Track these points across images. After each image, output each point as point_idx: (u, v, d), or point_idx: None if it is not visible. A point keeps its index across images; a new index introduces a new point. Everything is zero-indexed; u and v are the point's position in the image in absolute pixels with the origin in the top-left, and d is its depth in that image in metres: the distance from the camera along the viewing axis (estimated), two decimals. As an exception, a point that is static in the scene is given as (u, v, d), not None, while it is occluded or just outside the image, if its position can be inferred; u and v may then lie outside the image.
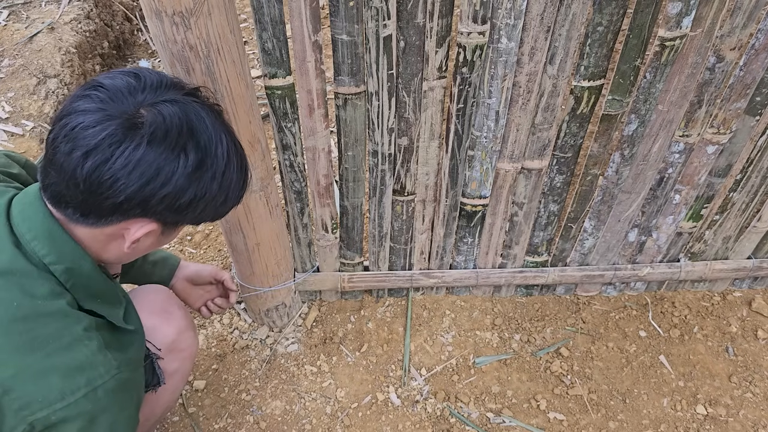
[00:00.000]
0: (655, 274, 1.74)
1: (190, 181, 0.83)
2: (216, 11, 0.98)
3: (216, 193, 0.87)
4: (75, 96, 0.82)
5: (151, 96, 0.82)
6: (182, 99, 0.84)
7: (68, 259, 0.86)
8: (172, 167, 0.81)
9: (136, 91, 0.82)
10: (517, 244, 1.65)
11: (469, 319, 1.76)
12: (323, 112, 1.28)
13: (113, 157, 0.78)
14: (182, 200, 0.84)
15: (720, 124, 1.37)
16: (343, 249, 1.62)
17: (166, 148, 0.80)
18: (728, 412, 1.60)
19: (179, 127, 0.81)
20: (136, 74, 0.84)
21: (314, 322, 1.74)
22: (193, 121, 0.83)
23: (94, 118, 0.79)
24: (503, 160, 1.42)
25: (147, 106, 0.81)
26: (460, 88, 1.26)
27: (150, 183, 0.80)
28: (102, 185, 0.79)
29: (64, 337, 0.83)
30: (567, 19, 1.15)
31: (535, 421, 1.57)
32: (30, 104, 2.00)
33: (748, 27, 1.19)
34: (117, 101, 0.80)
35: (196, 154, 0.83)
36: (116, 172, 0.78)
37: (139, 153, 0.79)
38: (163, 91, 0.84)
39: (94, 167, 0.78)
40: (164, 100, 0.82)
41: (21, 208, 0.86)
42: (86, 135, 0.78)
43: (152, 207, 0.83)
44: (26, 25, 2.27)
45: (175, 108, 0.82)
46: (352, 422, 1.55)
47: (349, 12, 1.11)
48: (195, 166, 0.83)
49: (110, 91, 0.81)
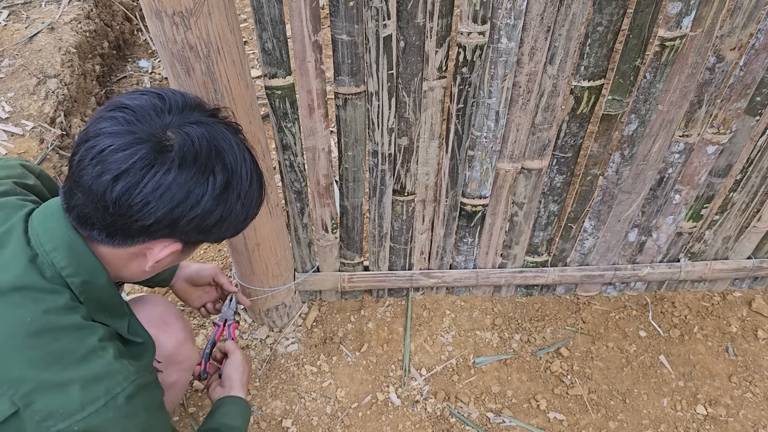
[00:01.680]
0: (655, 274, 1.74)
1: (217, 203, 0.85)
2: (216, 11, 0.98)
3: (239, 212, 0.89)
4: (99, 117, 0.82)
5: (177, 118, 0.83)
6: (207, 120, 0.85)
7: (86, 272, 0.86)
8: (202, 190, 0.83)
9: (162, 113, 0.83)
10: (517, 244, 1.65)
11: (469, 319, 1.76)
12: (323, 112, 1.28)
13: (144, 181, 0.79)
14: (209, 221, 0.86)
15: (720, 124, 1.37)
16: (343, 249, 1.62)
17: (196, 171, 0.81)
18: (728, 412, 1.60)
19: (207, 150, 0.83)
20: (160, 95, 0.85)
21: (314, 322, 1.74)
22: (220, 143, 0.84)
23: (124, 141, 0.79)
24: (503, 160, 1.42)
25: (174, 128, 0.82)
26: (460, 88, 1.26)
27: (180, 206, 0.82)
28: (132, 208, 0.80)
29: (80, 350, 0.83)
30: (567, 19, 1.15)
31: (535, 421, 1.57)
32: (30, 104, 2.00)
33: (748, 27, 1.19)
34: (144, 123, 0.81)
35: (223, 175, 0.84)
36: (147, 195, 0.79)
37: (170, 177, 0.80)
38: (188, 112, 0.85)
39: (124, 190, 0.79)
40: (190, 122, 0.84)
41: (42, 219, 0.86)
42: (116, 158, 0.78)
43: (180, 228, 0.84)
44: (26, 25, 2.27)
45: (202, 130, 0.83)
46: (352, 422, 1.55)
47: (349, 12, 1.11)
48: (222, 187, 0.84)
49: (137, 113, 0.81)
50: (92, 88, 2.34)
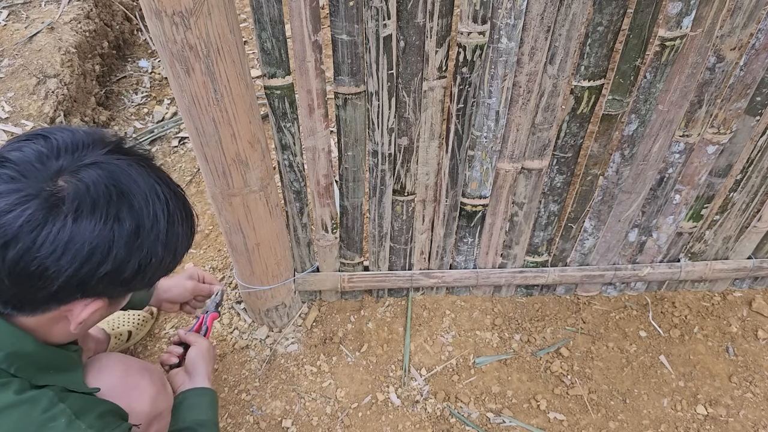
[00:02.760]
0: (655, 274, 1.74)
1: (131, 251, 0.75)
2: (216, 11, 0.98)
3: (163, 254, 0.79)
4: None
5: (68, 161, 0.73)
6: (106, 159, 0.75)
7: (8, 345, 0.77)
8: (107, 241, 0.72)
9: (49, 159, 0.72)
10: (517, 244, 1.65)
11: (469, 319, 1.76)
12: (323, 112, 1.28)
13: (37, 244, 0.69)
14: (126, 273, 0.76)
15: (720, 124, 1.37)
16: (343, 249, 1.62)
17: (96, 222, 0.71)
18: (728, 413, 1.59)
19: (107, 194, 0.73)
20: (45, 137, 0.75)
21: (314, 322, 1.74)
22: (122, 183, 0.74)
23: (8, 201, 0.69)
24: (503, 160, 1.42)
25: (66, 174, 0.72)
26: (460, 88, 1.26)
27: (85, 264, 0.72)
28: (31, 277, 0.70)
29: (27, 427, 0.75)
30: (567, 19, 1.15)
31: (535, 421, 1.56)
32: (30, 104, 2.00)
33: (749, 27, 1.19)
34: (30, 176, 0.71)
35: (131, 219, 0.74)
36: (43, 260, 0.70)
37: (66, 234, 0.70)
38: (80, 152, 0.74)
39: (17, 258, 0.69)
40: (85, 164, 0.73)
41: None
42: (2, 223, 0.68)
43: (93, 287, 0.75)
44: (26, 24, 2.27)
45: (98, 171, 0.73)
46: (352, 422, 1.55)
47: (349, 12, 1.11)
48: (133, 233, 0.74)
49: (19, 165, 0.71)
50: (92, 87, 2.34)
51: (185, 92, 1.07)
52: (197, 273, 1.47)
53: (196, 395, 1.17)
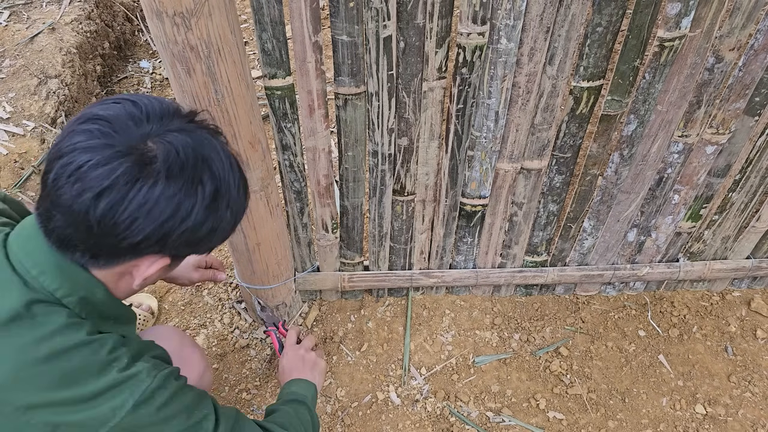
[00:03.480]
0: (654, 274, 1.74)
1: (208, 213, 0.81)
2: (216, 12, 0.98)
3: (229, 220, 0.85)
4: (71, 131, 0.76)
5: (156, 126, 0.78)
6: (189, 127, 0.81)
7: (82, 289, 0.83)
8: (191, 202, 0.78)
9: (140, 122, 0.78)
10: (516, 244, 1.65)
11: (468, 319, 1.77)
12: (323, 113, 1.28)
13: (129, 196, 0.74)
14: (200, 233, 0.82)
15: (719, 125, 1.38)
16: (343, 249, 1.63)
17: (184, 183, 0.77)
18: (727, 412, 1.60)
19: (194, 159, 0.78)
20: (135, 102, 0.80)
21: (314, 322, 1.74)
22: (205, 151, 0.80)
23: (103, 155, 0.74)
24: (503, 161, 1.42)
25: (155, 137, 0.77)
26: (460, 89, 1.26)
27: (169, 220, 0.77)
28: (118, 226, 0.75)
29: (93, 365, 0.81)
30: (566, 19, 1.16)
31: (535, 420, 1.57)
32: (31, 104, 2.01)
33: (747, 27, 1.19)
34: (122, 134, 0.76)
35: (212, 184, 0.80)
36: (134, 212, 0.75)
37: (157, 191, 0.75)
38: (167, 119, 0.80)
39: (108, 208, 0.74)
40: (171, 129, 0.79)
41: (21, 243, 0.82)
42: (97, 174, 0.73)
43: (170, 243, 0.80)
44: (27, 25, 2.27)
45: (186, 138, 0.79)
46: (353, 421, 1.55)
47: (350, 13, 1.12)
48: (212, 197, 0.80)
49: (113, 123, 0.76)
50: (93, 88, 2.35)
51: (186, 93, 1.08)
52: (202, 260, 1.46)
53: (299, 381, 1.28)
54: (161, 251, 0.82)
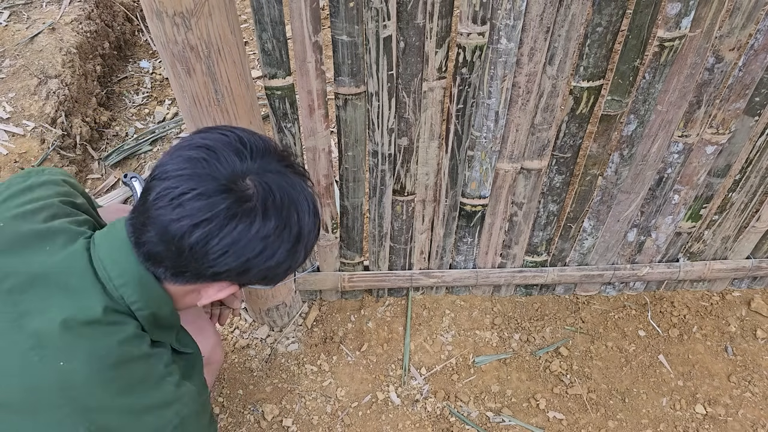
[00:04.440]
0: (654, 274, 1.74)
1: (288, 255, 0.85)
2: (216, 12, 0.98)
3: (301, 260, 0.89)
4: (179, 156, 0.81)
5: (257, 164, 0.82)
6: (284, 170, 0.85)
7: (155, 305, 0.87)
8: (279, 243, 0.83)
9: (244, 157, 0.81)
10: (516, 244, 1.65)
11: (468, 319, 1.77)
12: (323, 113, 1.28)
13: (224, 231, 0.78)
14: (276, 271, 0.86)
15: (719, 125, 1.38)
16: (343, 249, 1.63)
17: (275, 226, 0.81)
18: (727, 412, 1.60)
19: (288, 203, 0.83)
20: (240, 136, 0.84)
21: (314, 322, 1.74)
22: (295, 196, 0.84)
23: (207, 188, 0.78)
24: (503, 161, 1.42)
25: (253, 176, 0.81)
26: (460, 89, 1.26)
27: (254, 259, 0.82)
28: (208, 255, 0.79)
29: (152, 378, 0.85)
30: (566, 19, 1.16)
31: (535, 420, 1.57)
32: (31, 104, 2.01)
33: (747, 27, 1.19)
34: (224, 166, 0.79)
35: (297, 228, 0.84)
36: (226, 246, 0.79)
37: (252, 230, 0.79)
38: (267, 159, 0.84)
39: (203, 237, 0.78)
40: (270, 170, 0.83)
41: (109, 251, 0.84)
42: (198, 206, 0.77)
43: (248, 276, 0.85)
44: (27, 25, 2.27)
45: (281, 181, 0.83)
46: (353, 421, 1.55)
47: (350, 13, 1.12)
48: (295, 240, 0.85)
49: (218, 154, 0.80)
50: (93, 88, 2.35)
51: (186, 93, 1.08)
52: None
53: None
54: (236, 281, 0.87)
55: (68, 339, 0.79)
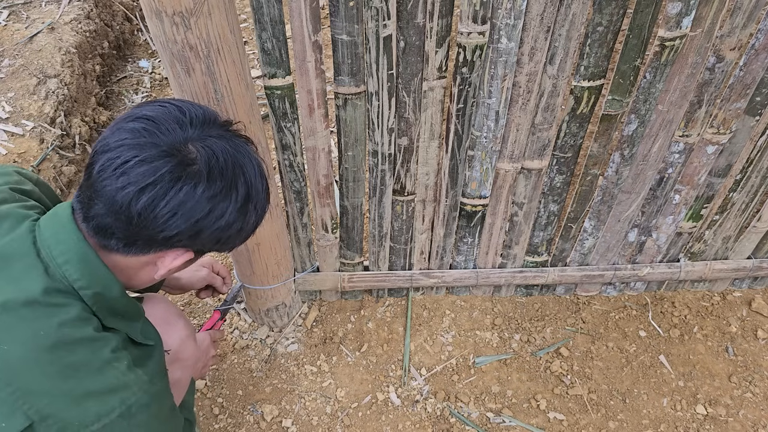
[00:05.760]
0: (654, 274, 1.74)
1: (238, 215, 0.87)
2: (216, 11, 0.98)
3: (254, 223, 0.92)
4: (119, 128, 0.82)
5: (198, 131, 0.84)
6: (227, 135, 0.87)
7: (99, 285, 0.86)
8: (226, 204, 0.84)
9: (184, 125, 0.83)
10: (516, 244, 1.65)
11: (469, 319, 1.76)
12: (323, 112, 1.28)
13: (171, 194, 0.80)
14: (228, 232, 0.88)
15: (720, 124, 1.38)
16: (343, 249, 1.62)
17: (222, 186, 0.83)
18: (728, 412, 1.60)
19: (231, 165, 0.85)
20: (180, 107, 0.86)
21: (314, 322, 1.74)
22: (239, 159, 0.86)
23: (149, 153, 0.79)
24: (503, 160, 1.42)
25: (196, 141, 0.83)
26: (460, 88, 1.26)
27: (204, 219, 0.83)
28: (157, 220, 0.81)
29: (94, 362, 0.84)
30: (567, 19, 1.16)
31: (535, 420, 1.57)
32: (30, 104, 2.00)
33: (748, 27, 1.19)
34: (166, 135, 0.81)
35: (244, 189, 0.86)
36: (173, 208, 0.80)
37: (198, 191, 0.81)
38: (208, 126, 0.86)
39: (149, 202, 0.79)
40: (212, 136, 0.85)
41: (53, 231, 0.85)
42: (142, 171, 0.79)
43: (200, 239, 0.86)
44: (26, 25, 2.27)
45: (224, 144, 0.85)
46: (352, 422, 1.55)
47: (349, 12, 1.11)
48: (243, 200, 0.87)
49: (158, 124, 0.82)
50: (92, 88, 2.34)
51: (186, 92, 1.07)
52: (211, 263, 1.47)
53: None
54: (190, 246, 0.87)
55: (7, 321, 0.79)
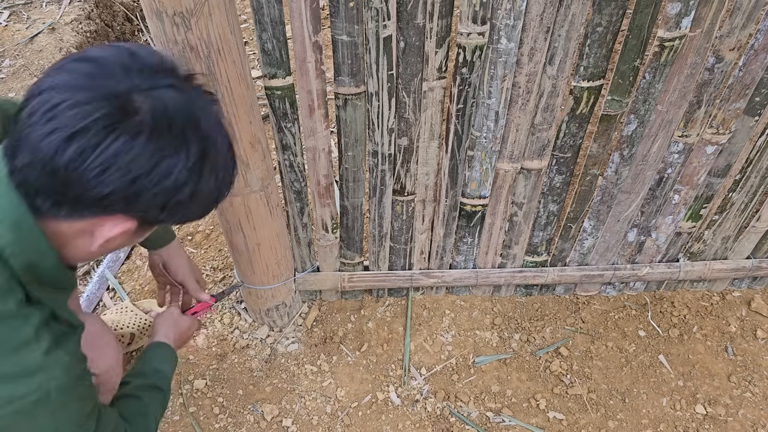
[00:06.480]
0: (654, 274, 1.74)
1: (189, 177, 0.74)
2: (216, 12, 0.98)
3: (212, 190, 0.79)
4: (59, 68, 0.71)
5: (148, 79, 0.72)
6: (182, 85, 0.75)
7: (33, 253, 0.76)
8: (174, 161, 0.72)
9: (130, 72, 0.72)
10: (516, 244, 1.65)
11: (468, 319, 1.77)
12: (323, 113, 1.28)
13: (104, 144, 0.68)
14: (176, 198, 0.75)
15: (719, 125, 1.38)
16: (343, 249, 1.63)
17: (169, 140, 0.71)
18: (727, 412, 1.60)
19: (183, 118, 0.73)
20: (132, 52, 0.74)
21: (314, 322, 1.74)
22: (196, 111, 0.75)
23: (84, 96, 0.68)
24: (503, 161, 1.42)
25: (145, 90, 0.71)
26: (460, 89, 1.26)
27: (145, 176, 0.71)
28: (86, 174, 0.69)
29: (12, 341, 0.75)
30: (566, 19, 1.16)
31: (535, 420, 1.57)
32: (31, 104, 2.00)
33: (747, 27, 1.19)
34: (110, 78, 0.70)
35: (199, 145, 0.74)
36: (106, 161, 0.68)
37: (137, 143, 0.69)
38: (161, 74, 0.74)
39: (78, 153, 0.68)
40: (163, 85, 0.73)
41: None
42: (72, 114, 0.67)
43: (141, 203, 0.74)
44: (27, 25, 2.27)
45: (177, 94, 0.73)
46: (353, 421, 1.55)
47: (349, 13, 1.12)
48: (197, 158, 0.74)
49: (102, 67, 0.71)
50: (93, 88, 2.35)
51: (186, 93, 1.08)
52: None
53: (153, 348, 1.19)
54: (128, 211, 0.75)
55: None
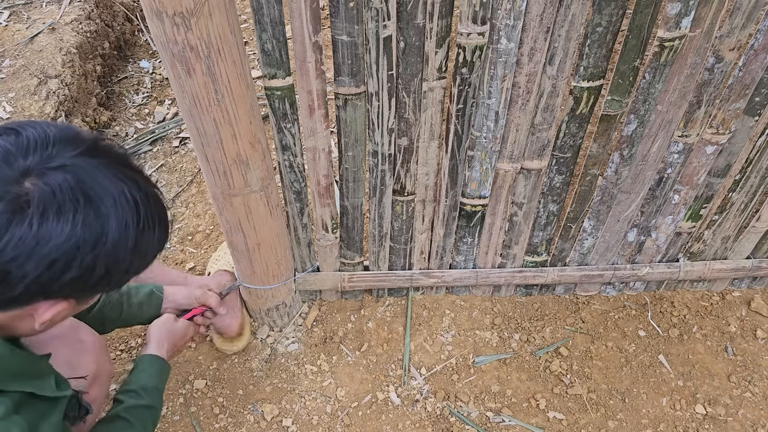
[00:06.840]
0: (654, 274, 1.74)
1: (96, 258, 0.73)
2: (217, 12, 0.98)
3: (131, 260, 0.78)
4: None
5: (36, 160, 0.71)
6: (72, 161, 0.73)
7: None
8: (73, 246, 0.71)
9: (16, 159, 0.70)
10: (516, 244, 1.65)
11: (468, 319, 1.77)
12: (323, 113, 1.28)
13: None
14: (92, 279, 0.75)
15: (719, 125, 1.38)
16: (343, 249, 1.63)
17: (62, 227, 0.70)
18: (727, 412, 1.60)
19: (73, 199, 0.70)
20: (17, 133, 0.73)
21: (314, 322, 1.74)
22: (89, 187, 0.72)
23: None
24: (503, 161, 1.42)
25: (33, 176, 0.70)
26: (460, 89, 1.26)
27: (49, 269, 0.70)
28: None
29: None
30: (566, 19, 1.16)
31: (535, 420, 1.57)
32: (31, 104, 2.01)
33: (747, 27, 1.19)
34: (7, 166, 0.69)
35: (98, 225, 0.72)
36: (5, 264, 0.68)
37: (30, 238, 0.68)
38: (49, 152, 0.72)
39: None
40: (51, 167, 0.71)
41: None
42: None
43: (57, 291, 0.74)
44: (27, 25, 2.27)
45: (65, 175, 0.71)
46: (353, 421, 1.55)
47: (349, 13, 1.12)
48: (99, 239, 0.72)
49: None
50: (93, 88, 2.35)
51: (186, 93, 1.08)
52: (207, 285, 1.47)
53: (148, 361, 1.24)
54: (50, 298, 0.75)
55: None
